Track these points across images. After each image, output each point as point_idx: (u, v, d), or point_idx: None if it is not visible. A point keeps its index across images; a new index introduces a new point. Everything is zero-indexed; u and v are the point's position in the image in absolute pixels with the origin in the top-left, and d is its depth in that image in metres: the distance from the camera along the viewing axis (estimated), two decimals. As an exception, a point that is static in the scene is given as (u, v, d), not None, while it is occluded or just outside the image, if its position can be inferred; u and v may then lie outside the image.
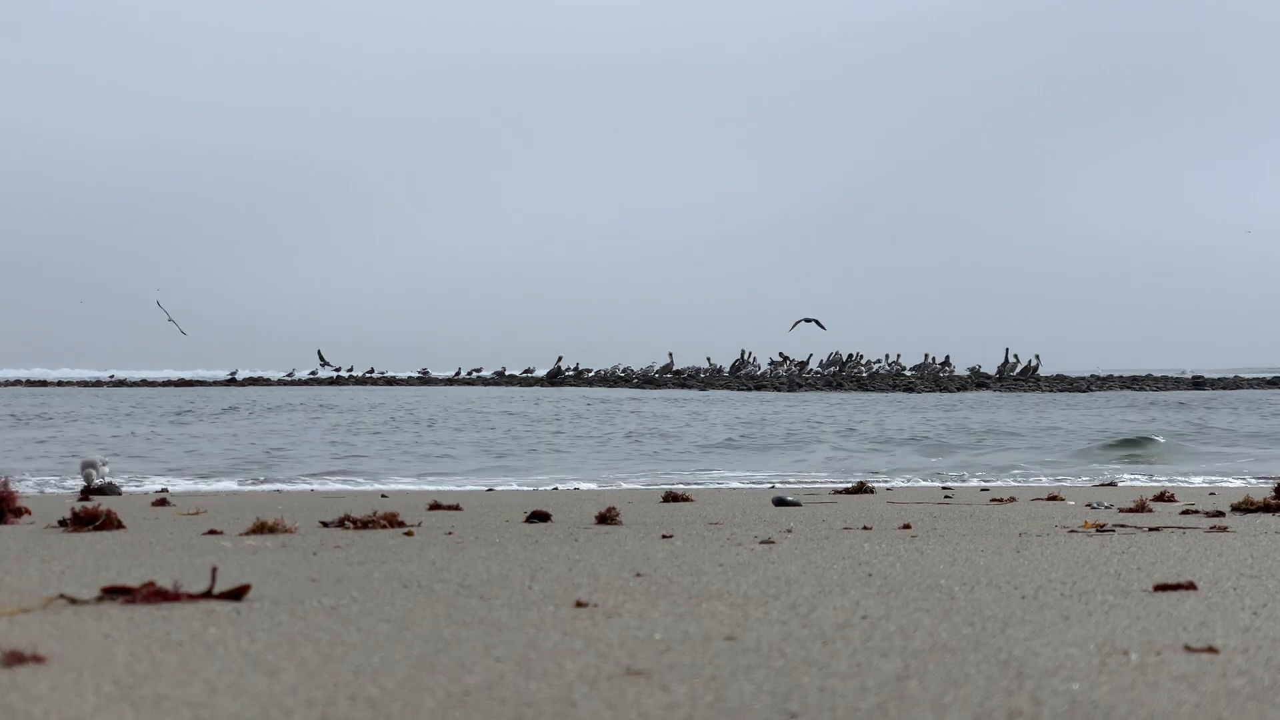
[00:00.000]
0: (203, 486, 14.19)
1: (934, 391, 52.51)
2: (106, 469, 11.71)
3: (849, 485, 11.51)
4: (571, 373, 63.68)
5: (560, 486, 14.11)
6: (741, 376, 60.97)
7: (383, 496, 11.11)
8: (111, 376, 69.74)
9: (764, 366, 62.28)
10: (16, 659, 3.00)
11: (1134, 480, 14.61)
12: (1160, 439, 22.78)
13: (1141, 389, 54.51)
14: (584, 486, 14.01)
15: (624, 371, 63.63)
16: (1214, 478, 15.22)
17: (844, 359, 60.99)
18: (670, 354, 63.09)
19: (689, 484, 13.74)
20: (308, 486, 14.25)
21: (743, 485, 14.06)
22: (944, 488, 12.73)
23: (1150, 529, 6.87)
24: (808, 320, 49.20)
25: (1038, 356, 58.59)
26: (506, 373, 65.68)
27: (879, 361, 61.13)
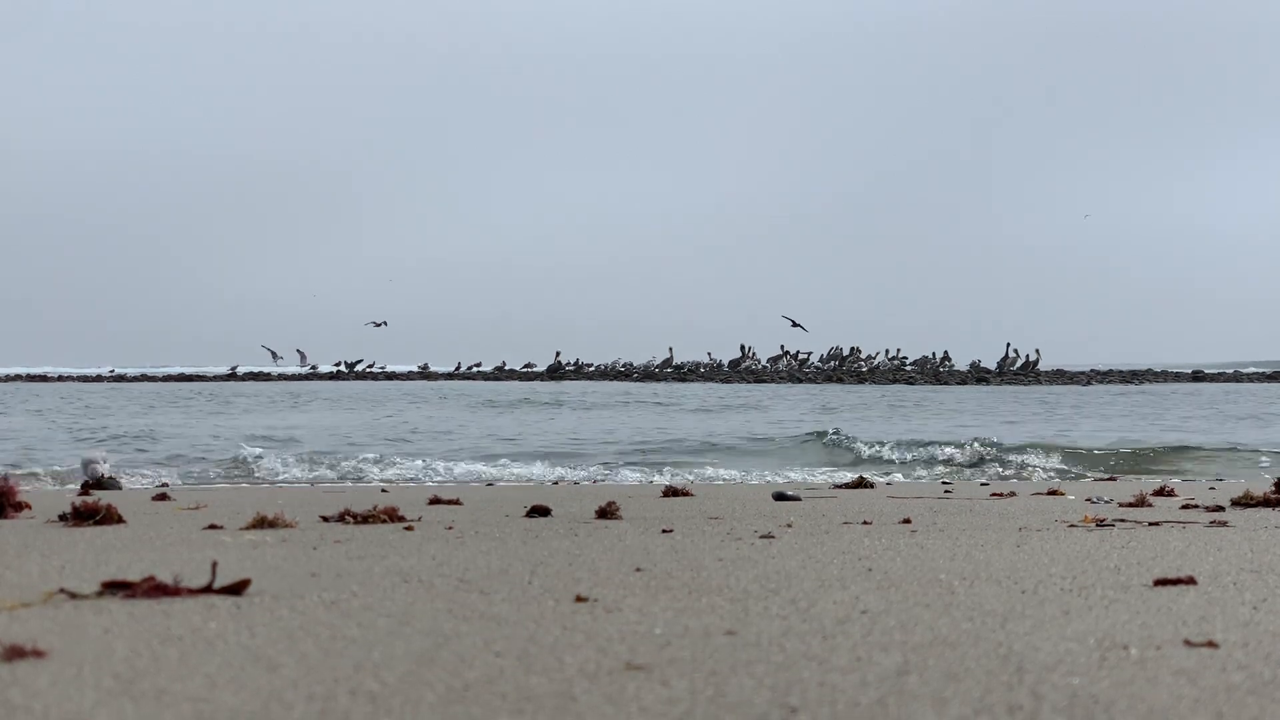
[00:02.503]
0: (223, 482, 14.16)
1: (932, 386, 52.46)
2: (106, 465, 11.70)
3: (849, 480, 11.54)
4: (571, 368, 63.68)
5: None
6: (742, 371, 60.96)
7: (383, 491, 11.11)
8: (111, 371, 69.74)
9: (763, 362, 62.27)
10: (17, 653, 3.00)
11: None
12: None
13: (1141, 382, 54.51)
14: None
15: (624, 366, 63.63)
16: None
17: (844, 354, 61.00)
18: (670, 349, 63.12)
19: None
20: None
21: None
22: (944, 483, 12.75)
23: (1150, 524, 6.87)
24: (794, 324, 50.17)
25: (1037, 351, 58.67)
26: (506, 367, 65.68)
27: (878, 355, 61.16)
